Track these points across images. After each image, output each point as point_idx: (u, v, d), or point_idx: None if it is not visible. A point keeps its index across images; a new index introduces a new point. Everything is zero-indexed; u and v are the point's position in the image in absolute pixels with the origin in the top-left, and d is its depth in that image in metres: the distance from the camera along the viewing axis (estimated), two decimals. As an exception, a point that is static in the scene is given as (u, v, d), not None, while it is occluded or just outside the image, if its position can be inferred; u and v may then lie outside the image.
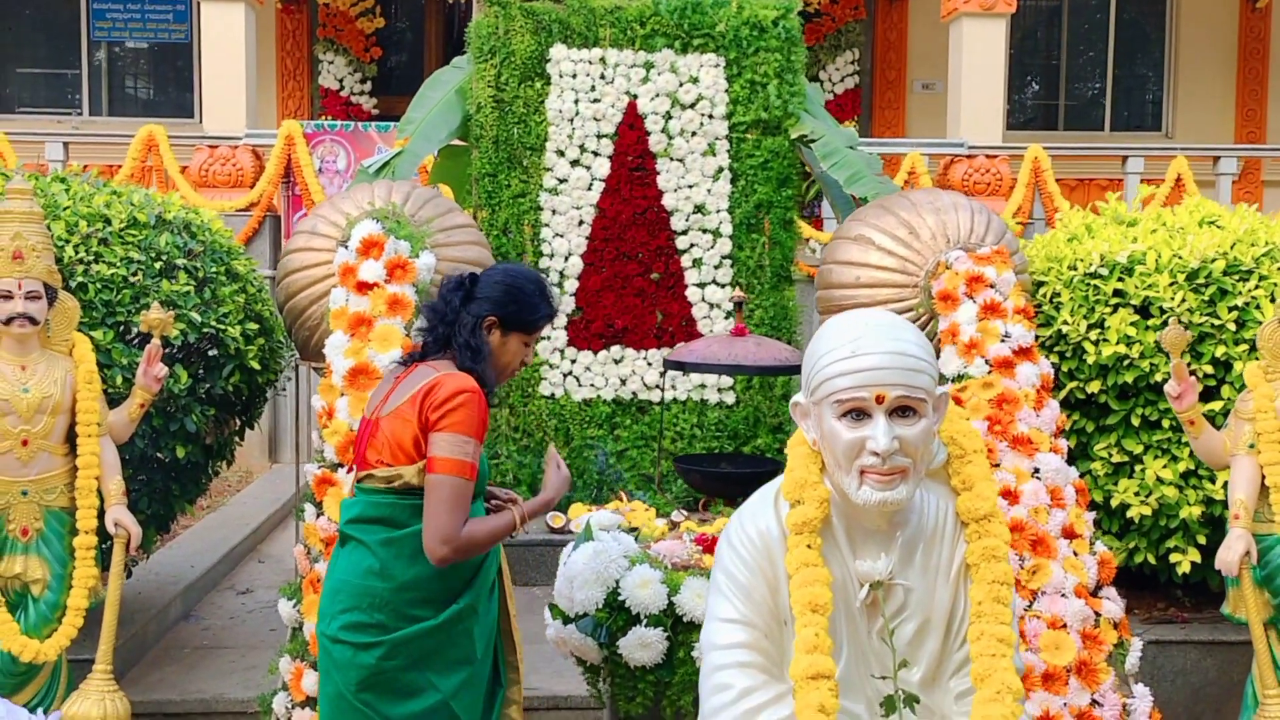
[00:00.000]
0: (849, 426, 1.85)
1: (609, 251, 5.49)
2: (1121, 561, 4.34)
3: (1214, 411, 4.03)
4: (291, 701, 3.34)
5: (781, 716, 1.86)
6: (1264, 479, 3.44)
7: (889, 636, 1.89)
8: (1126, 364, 4.19)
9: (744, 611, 1.91)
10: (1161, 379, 4.06)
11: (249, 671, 4.33)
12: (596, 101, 5.46)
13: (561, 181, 5.45)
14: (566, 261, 5.47)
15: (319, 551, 3.46)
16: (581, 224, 5.48)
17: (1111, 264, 4.28)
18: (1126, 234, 4.47)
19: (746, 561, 1.93)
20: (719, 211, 5.51)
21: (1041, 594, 3.37)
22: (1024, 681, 3.18)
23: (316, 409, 3.71)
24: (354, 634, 2.51)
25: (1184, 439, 3.93)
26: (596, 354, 5.49)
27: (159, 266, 4.07)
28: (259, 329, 4.45)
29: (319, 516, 3.50)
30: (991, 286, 3.92)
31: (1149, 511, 4.21)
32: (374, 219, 3.96)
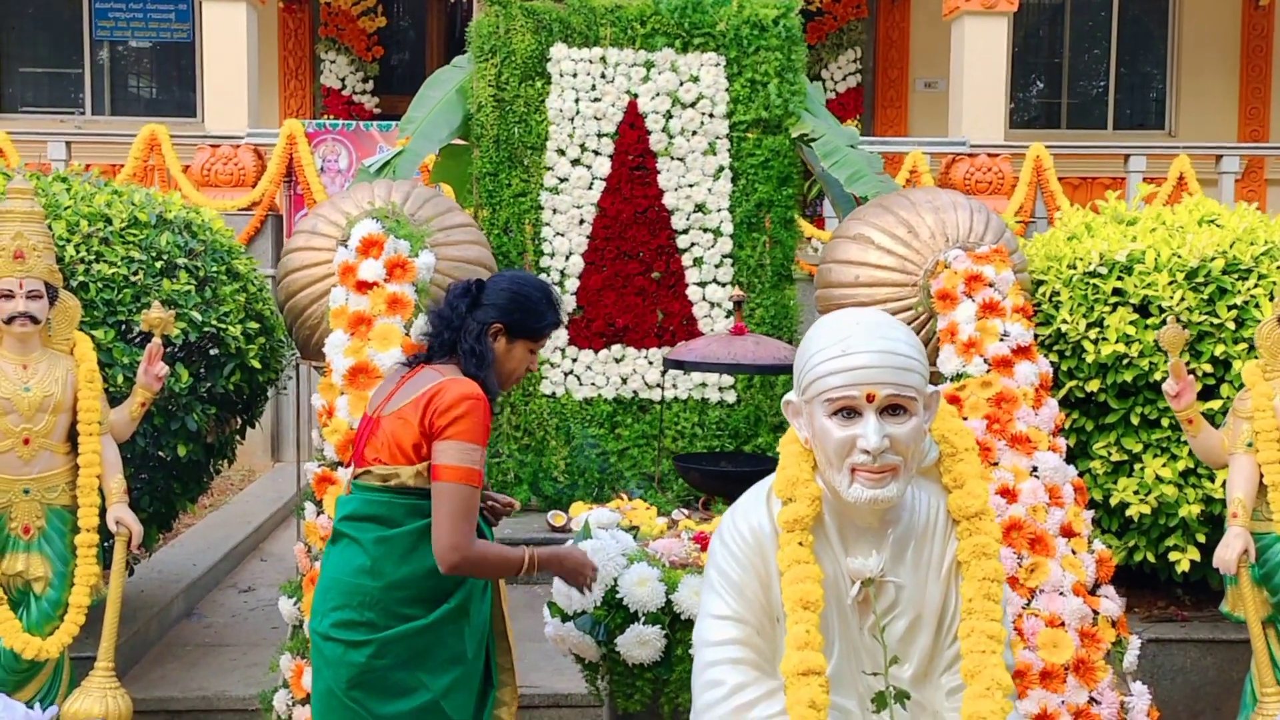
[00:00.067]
0: (840, 425, 1.87)
1: (610, 250, 5.49)
2: (1121, 560, 4.35)
3: (1213, 410, 4.03)
4: (292, 699, 3.35)
5: (773, 712, 1.87)
6: (1262, 477, 3.45)
7: (880, 633, 1.90)
8: (1126, 363, 4.20)
9: (736, 608, 1.93)
10: (1161, 378, 4.06)
11: (250, 669, 4.34)
12: (597, 100, 5.46)
13: (562, 181, 5.46)
14: (567, 260, 5.48)
15: (319, 550, 3.46)
16: (582, 223, 5.49)
17: (1111, 263, 4.28)
18: (1126, 233, 4.48)
19: (739, 559, 1.94)
20: (719, 210, 5.51)
21: (1040, 592, 3.37)
22: (1022, 679, 3.20)
23: (316, 408, 3.73)
24: (344, 631, 2.52)
25: (1183, 438, 3.94)
26: (597, 353, 5.49)
27: (160, 266, 4.09)
28: (260, 328, 4.46)
29: (319, 515, 3.51)
30: (990, 285, 3.92)
31: (1148, 510, 4.22)
32: (374, 218, 3.97)
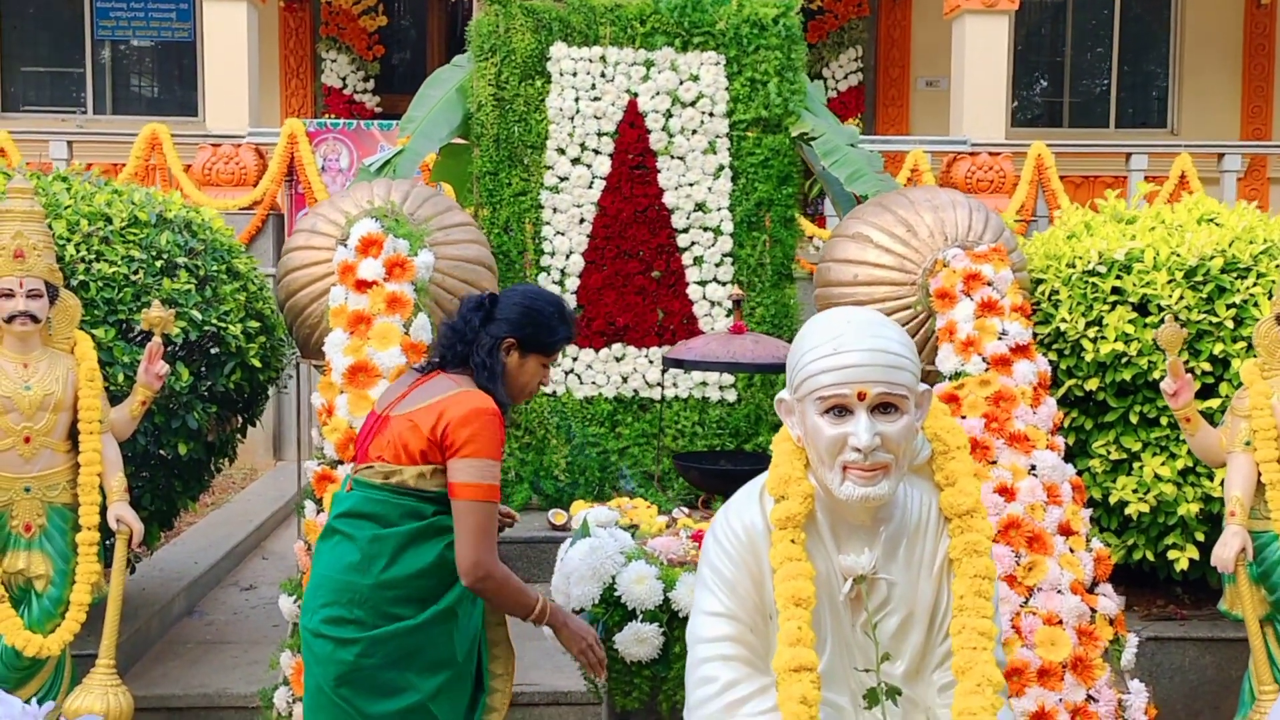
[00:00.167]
0: (831, 423, 1.87)
1: (610, 249, 5.50)
2: (1120, 559, 4.35)
3: (1212, 409, 4.03)
4: (292, 696, 3.35)
5: (765, 708, 1.88)
6: (1260, 476, 3.45)
7: (872, 630, 1.91)
8: (1125, 361, 4.20)
9: (729, 605, 1.94)
10: (1159, 376, 4.06)
11: (252, 666, 4.35)
12: (597, 100, 5.47)
13: (562, 180, 5.47)
14: (568, 259, 5.49)
15: (319, 548, 3.47)
16: (582, 222, 5.50)
17: (1110, 261, 4.28)
18: (1125, 231, 4.48)
19: (732, 556, 1.95)
20: (720, 209, 5.51)
21: (1038, 590, 3.37)
22: (1020, 677, 3.21)
23: (316, 406, 3.74)
24: (334, 629, 2.53)
25: (1182, 436, 3.94)
26: (598, 351, 5.50)
27: (160, 265, 4.10)
28: (260, 327, 4.47)
29: (319, 513, 3.52)
30: (989, 284, 3.93)
31: (1147, 509, 4.22)
32: (373, 217, 3.98)
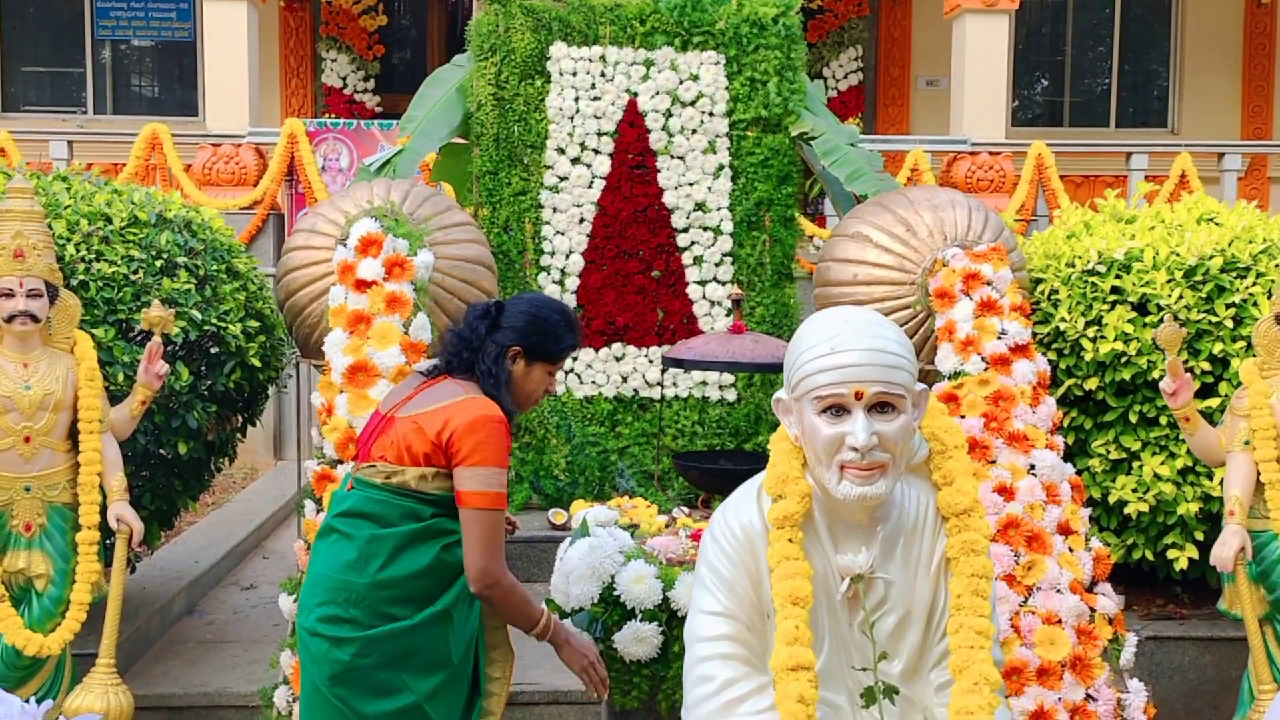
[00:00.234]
0: (828, 422, 1.88)
1: (610, 249, 5.50)
2: (1120, 558, 4.35)
3: (1212, 408, 4.04)
4: (292, 695, 3.36)
5: (762, 707, 1.89)
6: (1259, 475, 3.45)
7: (869, 629, 1.92)
8: (1124, 361, 4.20)
9: (727, 604, 1.94)
10: (1159, 376, 4.06)
11: (252, 666, 4.36)
12: (597, 99, 5.47)
13: (562, 179, 5.47)
14: (567, 259, 5.49)
15: (319, 547, 3.48)
16: (582, 222, 5.50)
17: (1109, 261, 4.28)
18: (1124, 231, 4.48)
19: (729, 555, 1.95)
20: (719, 209, 5.51)
21: (1037, 589, 3.38)
22: (1019, 676, 3.21)
23: (316, 406, 3.74)
24: (330, 627, 2.53)
25: (1181, 436, 3.94)
26: (598, 351, 5.50)
27: (160, 264, 4.10)
28: (260, 326, 4.47)
29: (319, 512, 3.52)
30: (988, 283, 3.93)
31: (1147, 508, 4.22)
32: (372, 217, 3.99)
